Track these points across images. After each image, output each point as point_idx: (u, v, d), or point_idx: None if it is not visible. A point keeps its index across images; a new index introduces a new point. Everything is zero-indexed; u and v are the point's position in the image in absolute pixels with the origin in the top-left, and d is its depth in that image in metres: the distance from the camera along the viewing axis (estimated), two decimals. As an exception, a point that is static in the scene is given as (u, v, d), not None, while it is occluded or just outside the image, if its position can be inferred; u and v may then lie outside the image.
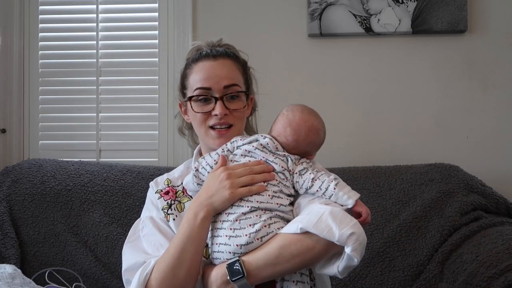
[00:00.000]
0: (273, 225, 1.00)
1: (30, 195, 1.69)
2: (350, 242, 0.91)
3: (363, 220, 1.00)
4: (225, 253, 1.00)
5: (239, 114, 1.19)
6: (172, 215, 1.17)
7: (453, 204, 1.61)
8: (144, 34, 2.05)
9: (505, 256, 1.27)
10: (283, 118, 1.11)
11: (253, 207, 1.01)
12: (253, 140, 1.11)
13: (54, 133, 2.07)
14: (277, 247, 0.97)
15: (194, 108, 1.18)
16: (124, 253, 1.15)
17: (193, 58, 1.21)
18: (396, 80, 1.94)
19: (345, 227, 0.92)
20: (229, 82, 1.16)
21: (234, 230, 1.00)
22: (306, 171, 1.06)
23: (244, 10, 1.98)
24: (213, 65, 1.17)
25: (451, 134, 1.92)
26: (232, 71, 1.19)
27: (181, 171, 1.27)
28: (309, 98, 1.94)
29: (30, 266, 1.62)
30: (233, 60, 1.21)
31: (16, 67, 2.05)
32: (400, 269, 1.56)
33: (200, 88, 1.16)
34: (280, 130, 1.10)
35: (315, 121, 1.11)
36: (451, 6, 1.88)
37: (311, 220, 0.95)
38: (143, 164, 1.86)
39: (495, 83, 1.92)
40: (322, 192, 1.02)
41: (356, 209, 1.01)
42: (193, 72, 1.19)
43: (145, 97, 2.04)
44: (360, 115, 1.95)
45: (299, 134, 1.08)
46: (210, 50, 1.20)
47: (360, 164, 1.79)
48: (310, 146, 1.11)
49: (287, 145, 1.09)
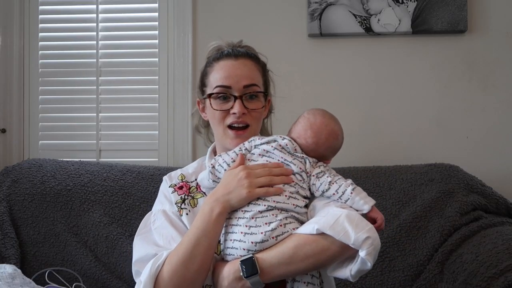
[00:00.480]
0: (289, 225, 1.01)
1: (30, 195, 1.69)
2: (365, 246, 0.92)
3: (378, 227, 1.01)
4: (239, 250, 1.01)
5: (257, 114, 1.20)
6: (185, 209, 1.17)
7: (453, 204, 1.61)
8: (144, 34, 2.05)
9: (505, 256, 1.27)
10: (304, 121, 1.13)
11: (270, 206, 1.02)
12: (271, 140, 1.12)
13: (54, 133, 2.07)
14: (292, 247, 0.98)
15: (213, 105, 1.19)
16: (134, 245, 1.16)
17: (214, 57, 1.22)
18: (396, 80, 1.94)
19: (361, 231, 0.93)
20: (249, 82, 1.18)
21: (250, 227, 1.01)
22: (323, 174, 1.07)
23: (244, 10, 1.98)
24: (234, 65, 1.19)
25: (451, 134, 1.92)
26: (252, 71, 1.20)
27: (195, 168, 1.28)
28: (309, 98, 1.95)
29: (30, 266, 1.62)
30: (254, 61, 1.22)
31: (16, 67, 2.05)
32: (400, 269, 1.56)
33: (220, 86, 1.17)
34: (300, 132, 1.12)
35: (336, 126, 1.12)
36: (451, 6, 1.88)
37: (327, 222, 0.96)
38: (143, 164, 1.86)
39: (495, 83, 1.92)
40: (338, 195, 1.04)
41: (371, 215, 1.02)
42: (214, 70, 1.20)
43: (145, 97, 2.05)
44: (360, 115, 1.95)
45: (319, 137, 1.10)
46: (232, 50, 1.22)
47: (360, 164, 1.79)
48: (328, 150, 1.12)
49: (306, 147, 1.11)
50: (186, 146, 2.00)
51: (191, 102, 1.98)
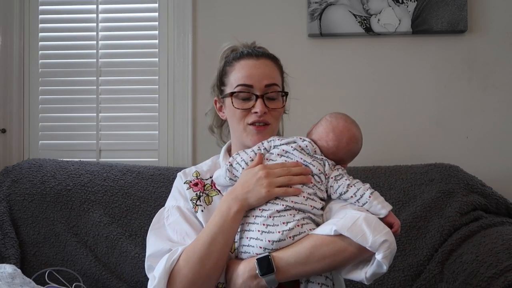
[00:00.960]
0: (306, 225, 1.02)
1: (30, 195, 1.69)
2: (382, 249, 0.93)
3: (394, 232, 1.01)
4: (255, 248, 1.01)
5: (277, 114, 1.21)
6: (200, 206, 1.17)
7: (453, 204, 1.61)
8: (144, 34, 2.05)
9: (505, 256, 1.27)
10: (326, 124, 1.14)
11: (288, 206, 1.03)
12: (291, 141, 1.12)
13: (54, 133, 2.07)
14: (309, 247, 0.98)
15: (234, 104, 1.19)
16: (148, 240, 1.16)
17: (234, 56, 1.23)
18: (396, 80, 1.94)
19: (379, 234, 0.94)
20: (270, 81, 1.19)
21: (267, 226, 1.01)
22: (342, 177, 1.08)
23: (244, 10, 1.98)
24: (256, 64, 1.20)
25: (451, 134, 1.92)
26: (273, 71, 1.22)
27: (209, 166, 1.28)
28: (309, 98, 1.95)
29: (30, 266, 1.62)
30: (273, 62, 1.24)
31: (16, 67, 2.05)
32: (400, 269, 1.56)
33: (242, 85, 1.18)
34: (322, 134, 1.13)
35: (357, 132, 1.14)
36: (451, 6, 1.88)
37: (345, 224, 0.97)
38: (143, 164, 1.86)
39: (495, 83, 1.92)
40: (356, 199, 1.05)
41: (388, 220, 1.03)
42: (234, 69, 1.21)
43: (145, 97, 2.05)
44: (360, 115, 1.91)
45: (340, 140, 1.11)
46: (252, 50, 1.23)
47: (360, 164, 1.78)
48: (348, 154, 1.14)
49: (327, 149, 1.12)
50: (186, 146, 2.00)
51: (191, 102, 1.99)
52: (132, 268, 1.60)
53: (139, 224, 1.67)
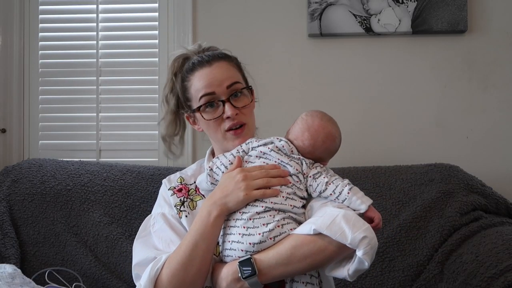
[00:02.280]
0: (286, 225, 1.01)
1: (30, 195, 1.69)
2: (362, 246, 0.93)
3: (375, 226, 1.01)
4: (237, 251, 1.01)
5: (248, 111, 1.20)
6: (184, 212, 1.18)
7: (453, 204, 1.61)
8: (144, 34, 2.05)
9: (505, 256, 1.27)
10: (302, 123, 1.13)
11: (267, 207, 1.02)
12: (268, 142, 1.12)
13: (54, 133, 2.07)
14: (290, 247, 0.98)
15: (204, 116, 1.19)
16: (134, 249, 1.16)
17: (187, 69, 1.22)
18: (396, 80, 1.94)
19: (358, 231, 0.93)
20: (230, 81, 1.18)
21: (248, 228, 1.01)
22: (320, 175, 1.07)
23: (244, 10, 1.98)
24: (211, 70, 1.18)
25: (451, 134, 1.92)
26: (229, 70, 1.21)
27: (194, 170, 1.29)
28: (309, 98, 1.95)
29: (30, 266, 1.61)
30: (227, 60, 1.22)
31: (16, 67, 2.05)
32: (400, 269, 1.56)
33: (205, 95, 1.17)
34: (297, 134, 1.12)
35: (333, 129, 1.13)
36: (451, 6, 1.88)
37: (324, 222, 0.96)
38: (143, 164, 1.86)
39: (495, 83, 1.92)
40: (335, 196, 1.04)
41: (369, 215, 1.03)
42: (192, 83, 1.20)
43: (145, 97, 2.04)
44: (360, 115, 1.95)
45: (316, 139, 1.10)
46: (201, 57, 1.21)
47: (360, 164, 1.79)
48: (325, 153, 1.12)
49: (303, 149, 1.11)
50: (186, 146, 1.99)
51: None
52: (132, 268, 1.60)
53: (139, 224, 1.64)
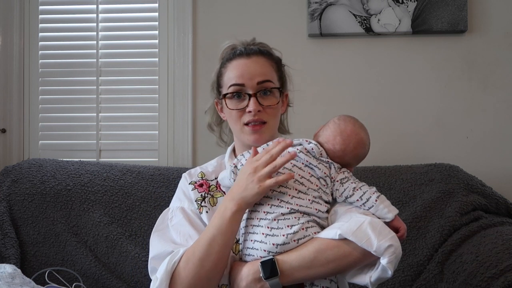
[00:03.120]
0: (310, 229, 1.01)
1: (30, 195, 1.69)
2: (387, 254, 0.93)
3: (400, 236, 1.01)
4: (259, 251, 1.01)
5: (272, 111, 1.19)
6: (205, 207, 1.17)
7: (453, 204, 1.61)
8: (144, 34, 2.05)
9: (505, 256, 1.27)
10: (334, 127, 1.13)
11: (293, 209, 1.02)
12: (297, 144, 1.11)
13: (54, 133, 2.07)
14: (314, 251, 0.98)
15: (228, 105, 1.19)
16: (151, 242, 1.16)
17: (228, 57, 1.23)
18: (396, 80, 1.94)
19: (384, 239, 0.94)
20: (262, 78, 1.18)
21: (272, 229, 1.01)
22: (348, 180, 1.07)
23: (244, 10, 1.98)
24: (247, 63, 1.19)
25: (451, 134, 1.92)
26: (265, 68, 1.21)
27: (214, 166, 1.28)
28: (309, 98, 1.95)
29: (30, 266, 1.61)
30: (267, 58, 1.23)
31: (16, 67, 2.05)
32: (400, 269, 1.56)
33: (234, 85, 1.18)
34: (329, 137, 1.12)
35: (365, 136, 1.13)
36: (451, 6, 1.88)
37: (350, 228, 0.96)
38: (143, 164, 1.86)
39: (495, 83, 1.92)
40: (362, 202, 1.04)
41: (394, 224, 1.03)
42: (227, 70, 1.21)
43: (145, 97, 2.04)
44: (360, 115, 1.91)
45: (347, 144, 1.10)
46: (244, 48, 1.23)
47: (360, 164, 1.78)
48: (354, 159, 1.13)
49: (333, 153, 1.11)
50: (186, 146, 2.00)
51: (191, 102, 1.99)
52: (132, 268, 1.60)
53: (139, 224, 1.67)
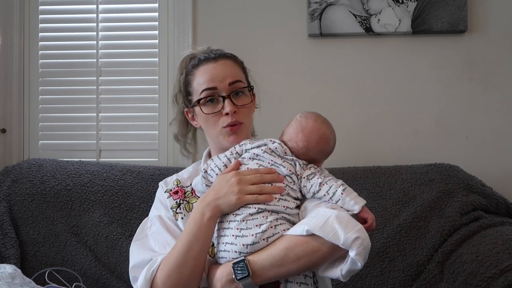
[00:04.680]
0: (279, 226, 1.02)
1: (30, 195, 1.69)
2: (355, 246, 0.93)
3: (368, 227, 1.01)
4: (231, 252, 1.02)
5: (246, 110, 1.21)
6: (180, 214, 1.19)
7: (453, 204, 1.61)
8: (144, 34, 2.05)
9: (505, 256, 1.27)
10: (296, 124, 1.13)
11: (260, 208, 1.02)
12: (262, 144, 1.12)
13: (54, 133, 2.07)
14: (283, 248, 0.99)
15: (204, 110, 1.19)
16: (131, 251, 1.17)
17: (193, 64, 1.24)
18: (396, 80, 1.94)
19: (350, 231, 0.94)
20: (233, 79, 1.19)
21: (241, 230, 1.02)
22: (314, 176, 1.07)
23: (244, 10, 1.98)
24: (215, 66, 1.20)
25: (451, 134, 1.92)
26: (234, 69, 1.22)
27: (190, 172, 1.29)
28: (309, 98, 1.95)
29: (30, 266, 1.62)
30: (232, 60, 1.24)
31: (16, 67, 2.05)
32: (400, 269, 1.56)
33: (206, 89, 1.18)
34: (291, 135, 1.12)
35: (327, 131, 1.12)
36: (451, 6, 1.88)
37: (317, 223, 0.96)
38: (143, 164, 1.86)
39: (495, 83, 1.92)
40: (329, 196, 1.04)
41: (362, 215, 1.03)
42: (196, 77, 1.21)
43: (145, 97, 2.04)
44: (360, 115, 1.95)
45: (309, 141, 1.10)
46: (208, 54, 1.23)
47: (360, 164, 1.79)
48: (319, 154, 1.12)
49: (297, 150, 1.11)
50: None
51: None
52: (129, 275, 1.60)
53: (139, 224, 1.64)
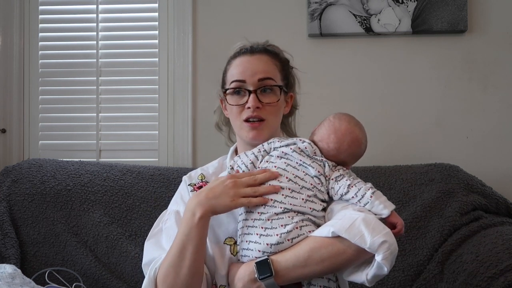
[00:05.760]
0: (305, 227, 1.00)
1: (30, 195, 1.69)
2: (381, 250, 0.91)
3: (397, 232, 1.00)
4: (254, 251, 1.00)
5: (272, 109, 1.18)
6: None
7: (453, 204, 1.61)
8: (144, 34, 2.05)
9: (505, 256, 1.27)
10: (328, 125, 1.11)
11: (286, 208, 1.01)
12: (291, 143, 1.11)
13: (54, 133, 2.07)
14: (308, 249, 0.97)
15: (229, 101, 1.19)
16: (145, 248, 1.16)
17: (233, 55, 1.24)
18: (396, 80, 1.94)
19: (377, 235, 0.92)
20: (264, 75, 1.17)
21: (266, 229, 1.00)
22: (342, 178, 1.06)
23: (244, 10, 1.98)
24: (250, 60, 1.19)
25: (451, 134, 1.92)
26: (268, 65, 1.20)
27: (215, 168, 1.27)
28: (308, 98, 1.93)
29: (30, 266, 1.62)
30: (271, 56, 1.22)
31: (16, 67, 2.05)
32: (400, 269, 1.56)
33: (235, 81, 1.18)
34: (323, 135, 1.10)
35: (360, 134, 1.11)
36: (451, 6, 1.88)
37: (343, 225, 0.95)
38: (143, 164, 1.86)
39: (495, 83, 1.92)
40: (357, 199, 1.03)
41: (391, 220, 1.01)
42: (231, 67, 1.21)
43: (145, 97, 2.04)
44: (360, 115, 1.91)
45: (341, 143, 1.09)
46: (250, 47, 1.23)
47: (360, 164, 1.78)
48: (350, 157, 1.11)
49: (327, 152, 1.10)
50: (186, 146, 2.00)
51: (191, 102, 1.99)
52: (132, 268, 1.60)
53: (139, 224, 1.67)
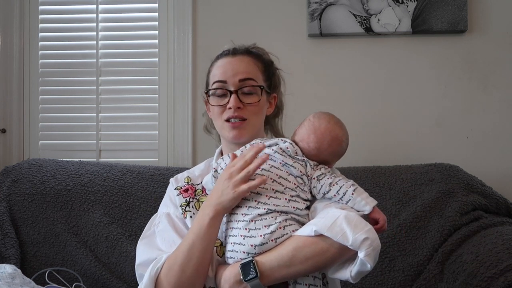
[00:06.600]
0: (288, 227, 1.01)
1: (30, 195, 1.69)
2: (364, 247, 0.92)
3: (380, 227, 1.00)
4: (239, 253, 1.01)
5: (254, 109, 1.19)
6: (189, 212, 1.18)
7: (453, 204, 1.61)
8: (144, 34, 2.05)
9: (505, 256, 1.27)
10: (308, 125, 1.12)
11: (270, 209, 1.02)
12: (273, 143, 1.11)
13: (54, 133, 2.07)
14: (291, 249, 0.98)
15: (211, 101, 1.21)
16: (138, 248, 1.17)
17: (216, 57, 1.25)
18: (396, 80, 1.94)
19: (359, 232, 0.93)
20: (245, 76, 1.18)
21: (249, 230, 1.01)
22: (324, 176, 1.06)
23: (244, 10, 1.98)
24: (231, 61, 1.20)
25: (451, 134, 1.92)
26: (250, 66, 1.21)
27: (201, 170, 1.28)
28: (308, 98, 1.95)
29: (30, 266, 1.62)
30: (253, 57, 1.23)
31: (16, 67, 2.05)
32: (400, 269, 1.56)
33: (216, 81, 1.19)
34: (303, 135, 1.11)
35: (340, 132, 1.11)
36: (451, 6, 1.88)
37: (325, 223, 0.96)
38: (143, 164, 1.86)
39: (495, 83, 1.92)
40: (339, 197, 1.03)
41: (373, 216, 1.02)
42: (213, 69, 1.23)
43: (145, 97, 2.04)
44: (360, 115, 1.95)
45: (321, 142, 1.09)
46: (233, 48, 1.23)
47: (360, 164, 1.79)
48: (331, 156, 1.11)
49: (308, 151, 1.10)
50: (186, 146, 2.00)
51: (191, 102, 1.99)
52: (132, 268, 1.59)
53: (139, 224, 1.67)
